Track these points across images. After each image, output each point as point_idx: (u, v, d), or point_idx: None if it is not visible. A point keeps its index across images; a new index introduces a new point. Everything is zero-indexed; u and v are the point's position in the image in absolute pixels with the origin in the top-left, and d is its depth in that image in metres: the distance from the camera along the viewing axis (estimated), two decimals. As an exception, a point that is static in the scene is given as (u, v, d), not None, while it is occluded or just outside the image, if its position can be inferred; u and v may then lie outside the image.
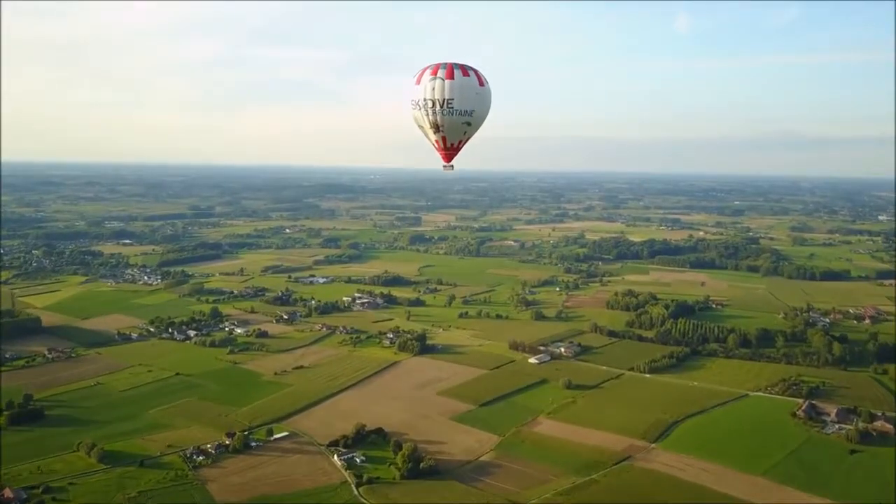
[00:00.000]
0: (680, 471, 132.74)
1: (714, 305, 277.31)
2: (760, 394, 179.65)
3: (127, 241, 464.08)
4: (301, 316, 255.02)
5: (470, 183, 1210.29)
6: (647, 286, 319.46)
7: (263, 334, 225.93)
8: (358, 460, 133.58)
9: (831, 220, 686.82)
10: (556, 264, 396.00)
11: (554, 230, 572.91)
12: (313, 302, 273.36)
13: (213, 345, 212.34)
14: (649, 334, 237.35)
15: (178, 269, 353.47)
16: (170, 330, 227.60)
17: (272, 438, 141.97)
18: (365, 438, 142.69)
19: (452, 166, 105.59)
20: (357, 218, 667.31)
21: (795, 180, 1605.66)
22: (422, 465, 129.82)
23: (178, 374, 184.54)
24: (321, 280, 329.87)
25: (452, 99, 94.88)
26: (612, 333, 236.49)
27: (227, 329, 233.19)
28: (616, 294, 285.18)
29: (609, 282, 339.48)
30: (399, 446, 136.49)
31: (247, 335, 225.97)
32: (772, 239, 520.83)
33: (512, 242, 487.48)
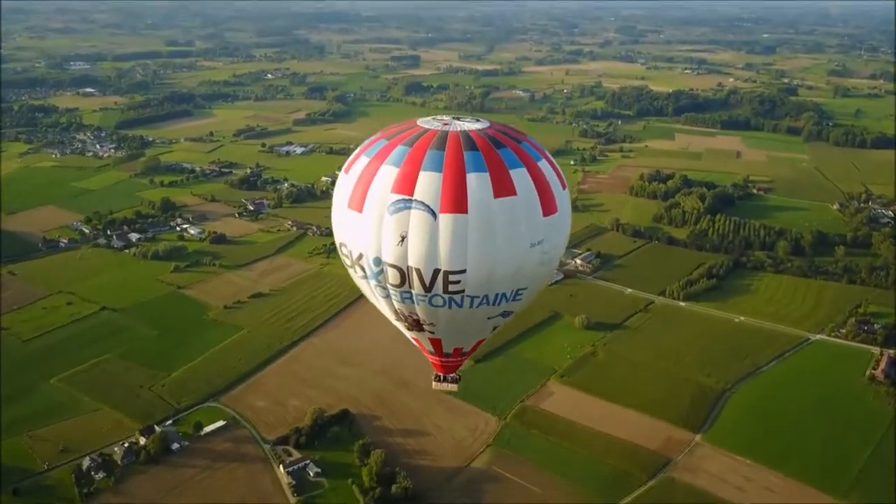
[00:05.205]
0: (736, 489, 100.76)
1: (756, 191, 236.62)
2: (824, 337, 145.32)
3: (89, 90, 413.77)
4: (269, 206, 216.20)
5: (474, 5, 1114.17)
6: (674, 159, 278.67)
7: (220, 239, 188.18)
8: (311, 473, 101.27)
9: (873, 61, 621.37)
10: (571, 123, 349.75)
11: (567, 73, 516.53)
12: (286, 185, 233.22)
13: (156, 257, 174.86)
14: (681, 234, 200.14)
15: (139, 132, 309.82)
16: (108, 232, 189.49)
17: (202, 433, 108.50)
18: (325, 430, 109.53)
19: (458, 379, 49.43)
20: (348, 56, 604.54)
21: (824, 5, 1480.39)
22: (394, 487, 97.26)
23: (104, 307, 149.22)
24: (299, 150, 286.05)
25: (463, 271, 36.39)
26: (636, 233, 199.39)
27: (178, 229, 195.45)
28: (641, 177, 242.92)
29: (631, 151, 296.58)
30: (367, 452, 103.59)
31: (200, 239, 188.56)
32: (810, 88, 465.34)
33: (521, 93, 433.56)
